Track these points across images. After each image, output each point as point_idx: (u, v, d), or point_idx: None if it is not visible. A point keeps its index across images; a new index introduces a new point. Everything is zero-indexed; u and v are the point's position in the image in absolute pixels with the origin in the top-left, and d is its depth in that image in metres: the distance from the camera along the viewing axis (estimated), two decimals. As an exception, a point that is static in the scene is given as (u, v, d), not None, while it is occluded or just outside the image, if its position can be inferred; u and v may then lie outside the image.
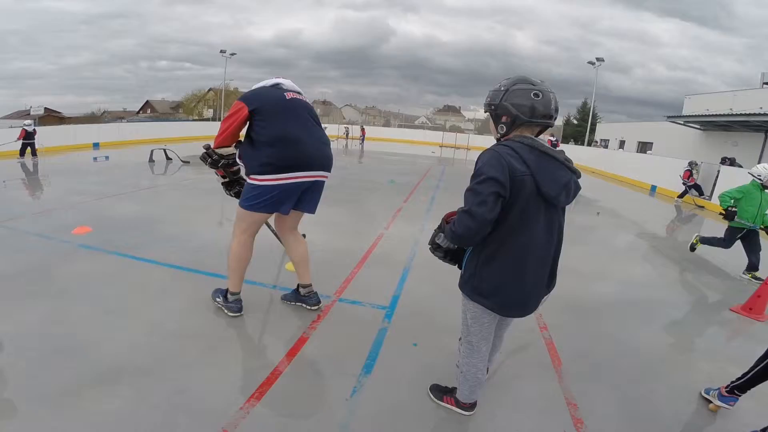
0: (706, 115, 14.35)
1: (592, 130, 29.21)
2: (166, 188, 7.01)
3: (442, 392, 1.92)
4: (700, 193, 9.82)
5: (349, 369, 2.09)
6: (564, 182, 1.43)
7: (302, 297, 2.70)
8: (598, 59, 19.80)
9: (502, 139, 1.48)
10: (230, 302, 2.55)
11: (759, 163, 4.99)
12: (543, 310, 3.02)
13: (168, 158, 10.20)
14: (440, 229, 1.62)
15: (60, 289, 2.79)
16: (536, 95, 1.41)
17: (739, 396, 2.05)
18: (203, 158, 2.49)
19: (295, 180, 2.29)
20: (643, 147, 21.50)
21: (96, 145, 12.60)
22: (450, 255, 1.61)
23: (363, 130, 21.22)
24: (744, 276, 4.41)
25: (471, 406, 1.83)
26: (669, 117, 16.52)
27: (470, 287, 1.56)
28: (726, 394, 2.08)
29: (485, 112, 1.56)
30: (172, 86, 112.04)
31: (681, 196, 10.09)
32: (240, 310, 2.54)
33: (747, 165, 11.61)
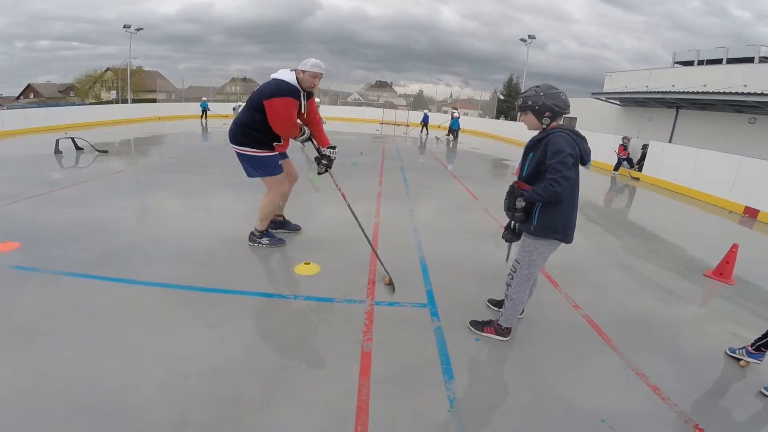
0: (626, 92, 16.15)
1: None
2: (94, 184, 5.99)
3: (482, 325, 2.47)
4: (631, 166, 11.12)
5: (430, 379, 2.03)
6: (589, 151, 2.15)
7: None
8: (530, 36, 21.07)
9: (547, 128, 2.10)
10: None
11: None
12: (567, 289, 3.22)
13: (78, 148, 8.79)
14: (513, 196, 2.15)
15: (22, 328, 2.22)
16: (563, 95, 2.09)
17: (765, 351, 2.38)
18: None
19: None
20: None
21: (-27, 136, 10.41)
22: (525, 213, 2.14)
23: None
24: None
25: (508, 332, 2.42)
26: (593, 93, 18.32)
27: (548, 230, 2.15)
28: (754, 352, 2.41)
29: (523, 110, 2.14)
30: (58, 68, 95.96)
31: (615, 168, 11.34)
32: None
33: (660, 138, 13.43)
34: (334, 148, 3.50)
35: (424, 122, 18.12)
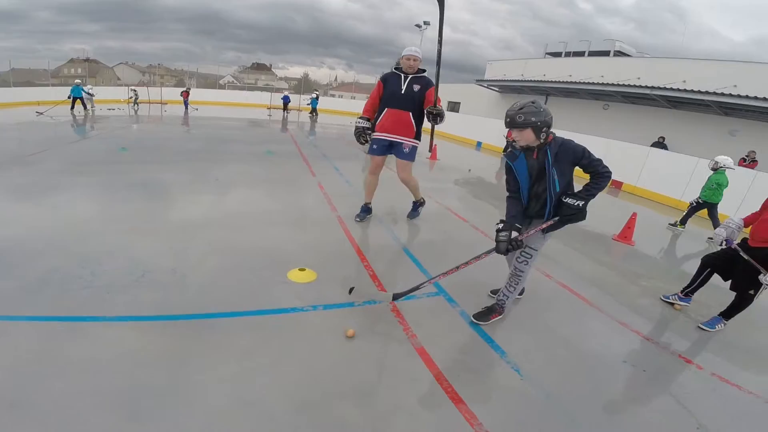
0: (505, 80, 18.52)
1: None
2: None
3: (486, 315, 2.71)
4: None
5: (488, 359, 2.35)
6: None
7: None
8: (425, 23, 22.30)
9: (544, 142, 2.31)
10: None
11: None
12: (549, 270, 3.81)
13: None
14: (583, 211, 2.35)
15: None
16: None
17: (692, 296, 3.26)
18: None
19: None
20: (453, 106, 25.94)
21: None
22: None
23: (187, 92, 18.71)
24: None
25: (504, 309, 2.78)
26: (477, 81, 20.49)
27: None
28: (684, 297, 3.28)
29: (523, 126, 2.27)
30: None
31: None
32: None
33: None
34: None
35: (285, 102, 20.91)
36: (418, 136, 4.24)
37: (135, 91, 18.67)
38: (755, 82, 10.35)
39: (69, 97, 14.40)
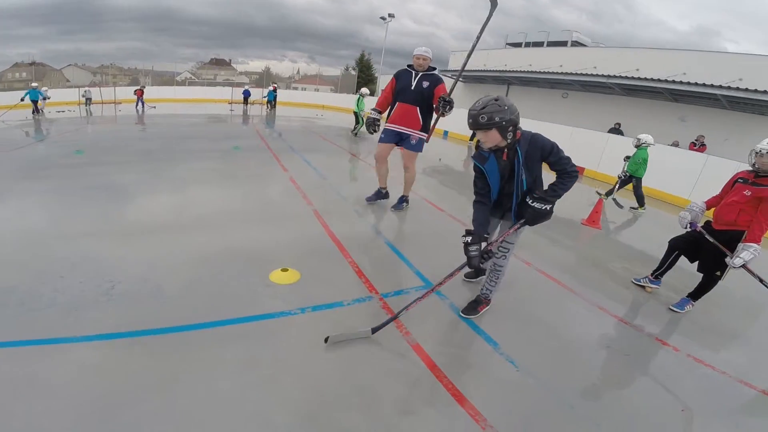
0: (467, 70, 18.63)
1: (374, 81, 33.16)
2: None
3: (474, 307, 2.69)
4: (485, 136, 13.40)
5: (483, 352, 2.35)
6: None
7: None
8: (390, 15, 22.19)
9: (511, 141, 2.17)
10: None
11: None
12: (527, 257, 3.86)
13: None
14: (551, 210, 2.26)
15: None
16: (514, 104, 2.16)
17: (661, 279, 3.40)
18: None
19: None
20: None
21: None
22: None
23: (141, 91, 17.74)
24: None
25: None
26: (441, 71, 20.53)
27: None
28: (654, 279, 3.42)
29: (487, 127, 2.10)
30: None
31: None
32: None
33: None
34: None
35: (245, 96, 21.49)
36: (425, 129, 4.46)
37: (87, 91, 17.55)
38: (703, 69, 10.97)
39: (22, 99, 13.34)
